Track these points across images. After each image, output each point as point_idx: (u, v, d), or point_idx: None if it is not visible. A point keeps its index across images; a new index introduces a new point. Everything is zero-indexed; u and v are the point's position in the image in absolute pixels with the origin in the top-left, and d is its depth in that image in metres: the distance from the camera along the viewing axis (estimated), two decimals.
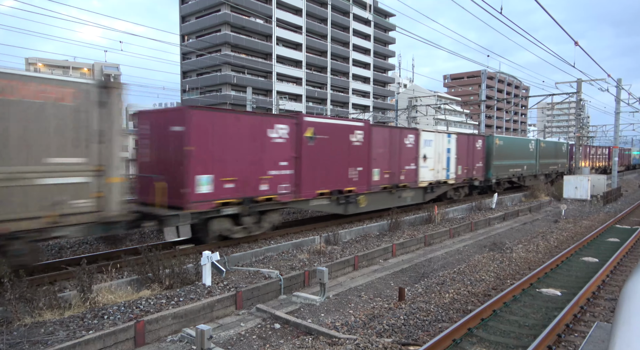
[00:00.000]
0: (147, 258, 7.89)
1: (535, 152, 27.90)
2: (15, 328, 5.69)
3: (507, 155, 23.82)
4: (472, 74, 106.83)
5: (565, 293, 8.14)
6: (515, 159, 24.99)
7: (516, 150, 25.24)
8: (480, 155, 21.54)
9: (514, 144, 25.07)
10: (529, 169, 27.13)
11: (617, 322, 1.49)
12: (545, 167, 29.27)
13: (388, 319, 6.60)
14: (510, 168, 24.36)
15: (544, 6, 10.81)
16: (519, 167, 25.53)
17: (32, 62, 68.02)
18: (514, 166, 24.94)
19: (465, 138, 20.34)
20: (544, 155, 29.11)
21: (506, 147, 23.76)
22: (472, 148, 20.82)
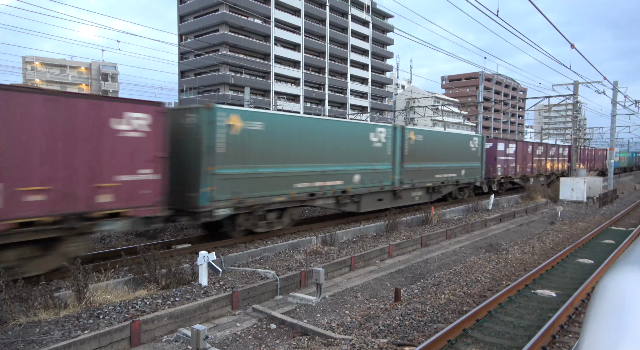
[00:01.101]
0: (144, 258, 7.89)
1: (479, 152, 22.13)
2: (10, 328, 5.68)
3: (429, 156, 17.78)
4: (470, 76, 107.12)
5: (560, 294, 8.18)
6: (444, 160, 19.03)
7: (447, 149, 19.23)
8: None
9: (442, 140, 19.17)
10: (469, 174, 21.17)
11: (587, 319, 1.52)
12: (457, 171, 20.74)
13: (384, 320, 6.62)
14: (437, 173, 18.53)
15: (540, 9, 10.87)
16: (451, 171, 19.63)
17: (29, 60, 67.75)
18: (444, 170, 19.07)
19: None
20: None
21: (428, 143, 17.84)
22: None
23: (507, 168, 25.91)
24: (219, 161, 10.18)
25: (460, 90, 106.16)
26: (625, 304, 1.42)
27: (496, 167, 24.71)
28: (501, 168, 25.23)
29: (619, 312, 1.41)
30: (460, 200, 21.82)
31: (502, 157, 25.34)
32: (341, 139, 13.72)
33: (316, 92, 64.84)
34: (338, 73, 69.57)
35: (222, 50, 53.53)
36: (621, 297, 1.44)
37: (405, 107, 44.74)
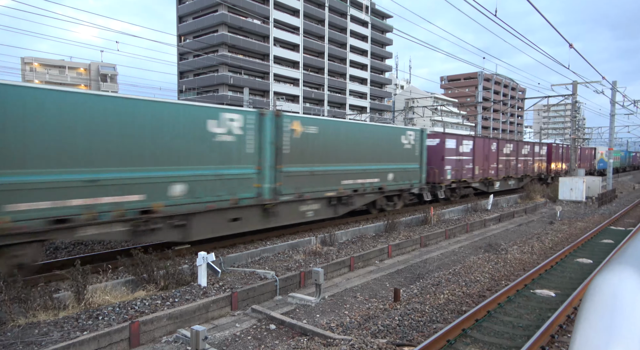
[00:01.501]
0: (142, 259, 7.89)
1: (417, 151, 17.55)
2: (9, 329, 5.67)
3: (328, 154, 13.40)
4: (469, 76, 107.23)
5: (560, 294, 8.19)
6: (358, 161, 14.56)
7: (363, 146, 14.75)
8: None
9: (353, 135, 14.39)
10: (401, 178, 16.62)
11: (579, 319, 1.53)
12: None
13: (383, 320, 6.62)
14: (346, 178, 14.09)
15: (539, 9, 10.88)
16: (371, 175, 15.12)
17: (28, 61, 67.67)
18: (358, 174, 14.60)
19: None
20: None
21: (328, 138, 13.40)
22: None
23: (460, 170, 21.32)
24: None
25: (459, 91, 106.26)
26: (617, 304, 1.43)
27: (444, 170, 20.06)
28: (452, 170, 20.68)
29: (611, 311, 1.42)
30: (459, 201, 21.82)
31: (453, 156, 20.88)
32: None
33: (315, 92, 64.85)
34: (337, 73, 69.60)
35: (221, 50, 53.54)
36: (612, 297, 1.45)
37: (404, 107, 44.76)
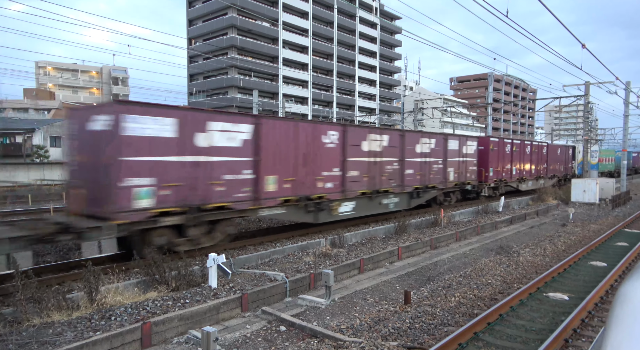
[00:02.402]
0: (154, 260, 7.95)
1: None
2: (24, 328, 5.75)
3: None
4: (479, 77, 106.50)
5: (573, 297, 8.07)
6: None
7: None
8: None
9: None
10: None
11: (609, 325, 1.50)
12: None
13: (394, 323, 6.59)
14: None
15: (550, 8, 10.78)
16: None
17: (42, 65, 68.76)
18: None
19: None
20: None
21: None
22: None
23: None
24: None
25: (469, 92, 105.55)
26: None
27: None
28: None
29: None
30: (470, 202, 21.66)
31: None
32: None
33: (324, 94, 64.94)
34: (346, 75, 69.62)
35: (230, 53, 53.91)
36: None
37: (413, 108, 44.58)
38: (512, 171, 24.39)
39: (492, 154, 22.18)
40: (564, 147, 33.91)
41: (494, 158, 22.26)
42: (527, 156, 26.30)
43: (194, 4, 58.37)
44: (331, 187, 13.42)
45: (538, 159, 27.79)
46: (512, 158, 24.27)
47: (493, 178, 22.39)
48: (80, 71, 72.50)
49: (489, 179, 22.07)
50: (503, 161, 23.30)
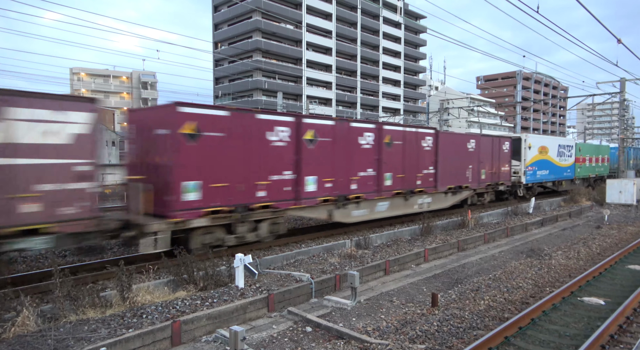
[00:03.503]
0: (182, 260, 8.12)
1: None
2: (61, 325, 5.98)
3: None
4: (507, 75, 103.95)
5: (610, 302, 7.76)
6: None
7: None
8: None
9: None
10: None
11: None
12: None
13: (421, 325, 6.50)
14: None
15: (583, 3, 10.42)
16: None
17: (76, 72, 71.48)
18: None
19: None
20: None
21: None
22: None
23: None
24: None
25: (496, 91, 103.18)
26: None
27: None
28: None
29: None
30: (499, 204, 21.16)
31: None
32: None
33: (348, 95, 64.83)
34: (370, 76, 69.30)
35: (255, 56, 54.56)
36: None
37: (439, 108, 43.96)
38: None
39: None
40: (500, 138, 20.73)
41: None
42: (449, 156, 17.35)
43: (219, 8, 59.40)
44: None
45: (469, 157, 18.43)
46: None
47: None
48: (111, 76, 74.98)
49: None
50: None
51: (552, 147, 24.52)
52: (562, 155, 26.09)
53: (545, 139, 24.50)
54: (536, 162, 22.89)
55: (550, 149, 24.22)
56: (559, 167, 25.60)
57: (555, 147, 25.02)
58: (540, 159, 23.35)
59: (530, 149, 22.14)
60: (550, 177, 24.49)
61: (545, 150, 23.72)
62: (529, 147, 22.05)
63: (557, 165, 25.38)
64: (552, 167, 24.55)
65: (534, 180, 22.83)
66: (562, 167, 26.00)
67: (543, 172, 23.68)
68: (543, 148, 23.47)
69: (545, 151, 23.81)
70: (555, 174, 25.11)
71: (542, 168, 23.56)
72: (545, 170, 23.87)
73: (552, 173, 24.63)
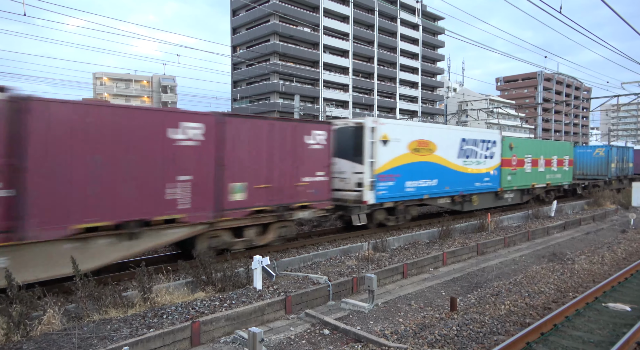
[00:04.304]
0: (201, 262, 8.22)
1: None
2: (85, 324, 6.14)
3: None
4: (528, 76, 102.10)
5: (636, 309, 7.53)
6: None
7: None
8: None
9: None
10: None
11: None
12: None
13: (440, 329, 6.43)
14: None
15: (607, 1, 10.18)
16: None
17: (98, 76, 73.33)
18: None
19: None
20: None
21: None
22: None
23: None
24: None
25: (516, 92, 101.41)
26: None
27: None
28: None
29: None
30: (520, 207, 20.74)
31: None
32: None
33: (365, 97, 64.67)
34: (387, 78, 68.99)
35: (272, 59, 54.97)
36: None
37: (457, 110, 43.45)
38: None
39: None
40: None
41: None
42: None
43: (238, 12, 60.11)
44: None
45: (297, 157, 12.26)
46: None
47: None
48: (133, 81, 76.64)
49: None
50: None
51: (443, 141, 15.90)
52: (472, 156, 17.17)
53: (426, 129, 15.49)
54: (403, 167, 14.33)
55: (439, 146, 15.64)
56: (464, 175, 16.80)
57: (452, 142, 16.31)
58: (416, 161, 14.79)
59: (387, 144, 13.65)
60: (439, 189, 15.72)
61: (427, 146, 15.18)
62: (384, 140, 13.48)
63: (459, 170, 16.57)
64: (445, 174, 15.96)
65: (397, 196, 14.23)
66: (472, 173, 17.20)
67: (422, 182, 15.01)
68: (422, 143, 15.01)
69: (428, 149, 15.24)
70: (453, 184, 16.28)
71: (420, 176, 14.98)
72: (428, 179, 15.26)
73: (445, 183, 15.93)
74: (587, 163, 28.52)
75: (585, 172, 28.41)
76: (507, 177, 19.13)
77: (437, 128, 16.69)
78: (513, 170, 19.50)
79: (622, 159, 29.95)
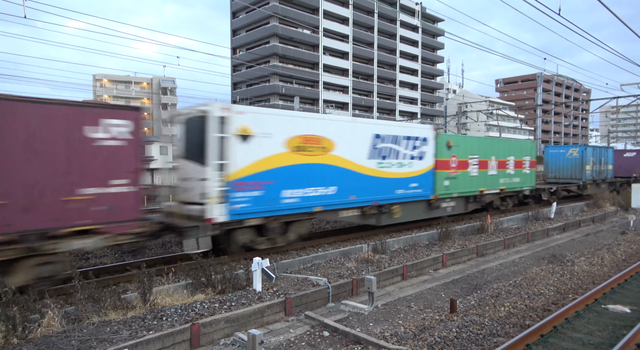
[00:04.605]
0: (200, 264, 8.21)
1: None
2: (84, 326, 6.13)
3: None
4: (527, 78, 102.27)
5: (636, 310, 7.53)
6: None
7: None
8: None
9: None
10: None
11: None
12: None
13: (439, 331, 6.43)
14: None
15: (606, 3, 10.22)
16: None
17: (98, 78, 73.38)
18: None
19: None
20: None
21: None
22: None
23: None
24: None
25: (516, 94, 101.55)
26: None
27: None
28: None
29: None
30: (520, 209, 20.72)
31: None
32: None
33: (365, 99, 64.75)
34: (387, 79, 69.10)
35: (272, 61, 55.06)
36: None
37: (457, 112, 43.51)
38: None
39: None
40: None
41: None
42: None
43: (237, 14, 60.23)
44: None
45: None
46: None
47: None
48: (133, 83, 76.72)
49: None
50: None
51: (345, 138, 12.33)
52: (391, 156, 13.56)
53: (315, 122, 11.79)
54: (279, 171, 10.84)
55: (338, 144, 12.10)
56: (379, 180, 13.21)
57: (358, 139, 12.72)
58: (300, 163, 11.26)
59: (249, 140, 10.31)
60: (339, 199, 12.19)
61: (318, 144, 11.64)
62: (243, 135, 10.19)
63: (371, 175, 13.00)
64: (349, 179, 12.39)
65: (268, 209, 10.71)
66: (391, 178, 13.61)
67: (311, 190, 11.48)
68: (310, 140, 11.47)
69: (321, 147, 11.70)
70: (363, 192, 12.73)
71: (308, 182, 11.43)
72: (320, 186, 11.70)
73: (349, 191, 12.37)
74: (560, 165, 25.83)
75: (559, 175, 25.93)
76: (444, 182, 15.64)
77: (334, 121, 12.36)
78: (452, 173, 16.05)
79: (599, 161, 26.94)
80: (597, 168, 26.70)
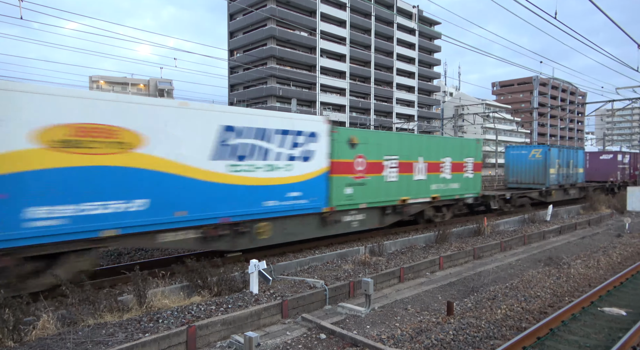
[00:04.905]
0: (194, 266, 8.16)
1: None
2: (80, 328, 6.09)
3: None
4: (523, 81, 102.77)
5: (632, 313, 7.56)
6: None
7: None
8: None
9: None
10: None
11: None
12: None
13: (436, 334, 6.43)
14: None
15: (602, 8, 10.29)
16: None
17: (95, 80, 73.19)
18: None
19: None
20: None
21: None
22: None
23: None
24: None
25: (512, 96, 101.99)
26: None
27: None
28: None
29: None
30: (517, 211, 20.79)
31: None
32: None
33: (362, 101, 64.86)
34: (384, 82, 69.28)
35: (269, 63, 55.10)
36: None
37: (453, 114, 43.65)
38: None
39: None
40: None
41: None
42: None
43: (235, 16, 60.27)
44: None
45: None
46: None
47: None
48: (129, 84, 76.57)
49: None
50: None
51: (165, 130, 8.64)
52: (254, 156, 10.04)
53: (106, 105, 7.86)
54: (16, 178, 6.88)
55: (152, 137, 8.43)
56: (232, 188, 9.68)
57: (193, 131, 9.05)
58: (67, 166, 7.39)
59: None
60: (156, 216, 8.47)
61: (112, 137, 7.90)
62: None
63: (218, 182, 9.45)
64: (173, 188, 8.72)
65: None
66: (255, 186, 10.12)
67: (95, 206, 7.69)
68: (91, 131, 7.63)
69: (118, 142, 7.96)
70: (203, 206, 9.18)
71: (87, 195, 7.61)
72: (116, 199, 7.96)
73: (175, 205, 8.75)
74: (522, 168, 22.62)
75: (520, 179, 22.62)
76: (345, 189, 12.21)
77: (143, 104, 8.45)
78: (358, 178, 12.61)
79: (566, 163, 23.50)
80: (565, 171, 23.50)
